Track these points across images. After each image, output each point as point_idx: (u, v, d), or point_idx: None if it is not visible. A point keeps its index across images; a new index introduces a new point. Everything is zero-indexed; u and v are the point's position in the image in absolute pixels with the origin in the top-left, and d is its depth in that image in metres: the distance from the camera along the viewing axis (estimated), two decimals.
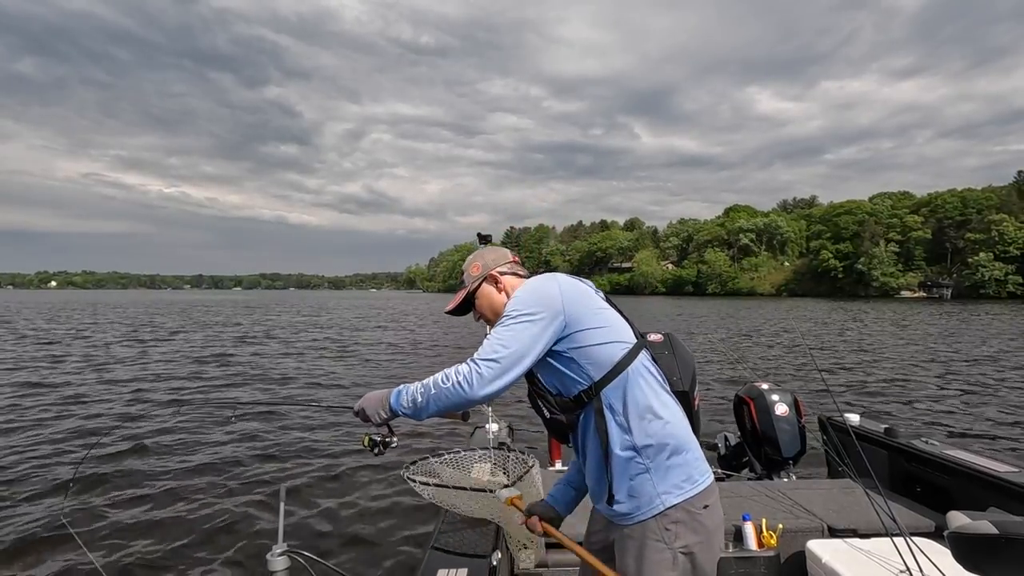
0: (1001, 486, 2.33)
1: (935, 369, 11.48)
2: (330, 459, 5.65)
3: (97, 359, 12.83)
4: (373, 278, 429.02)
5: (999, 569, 1.34)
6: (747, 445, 3.50)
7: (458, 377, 1.31)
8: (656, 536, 1.34)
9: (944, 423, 6.97)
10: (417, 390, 1.38)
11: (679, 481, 1.36)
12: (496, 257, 1.63)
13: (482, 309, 1.62)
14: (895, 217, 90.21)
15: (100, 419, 7.14)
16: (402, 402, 1.40)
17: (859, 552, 2.07)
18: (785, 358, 13.53)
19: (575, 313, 1.40)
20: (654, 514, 1.35)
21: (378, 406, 1.45)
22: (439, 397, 1.33)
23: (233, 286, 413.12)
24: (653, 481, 1.35)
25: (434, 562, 1.78)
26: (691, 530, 1.35)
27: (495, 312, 1.59)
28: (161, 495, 4.65)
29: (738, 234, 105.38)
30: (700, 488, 1.37)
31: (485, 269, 1.61)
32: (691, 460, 1.39)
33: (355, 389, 9.40)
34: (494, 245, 1.71)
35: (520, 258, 1.69)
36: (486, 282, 1.61)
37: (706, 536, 1.36)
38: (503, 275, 1.61)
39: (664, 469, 1.36)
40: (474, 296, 1.62)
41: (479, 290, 1.61)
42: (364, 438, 1.60)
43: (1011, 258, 74.78)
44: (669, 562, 1.34)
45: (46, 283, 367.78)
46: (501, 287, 1.60)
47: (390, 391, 1.45)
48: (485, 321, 1.65)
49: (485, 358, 1.32)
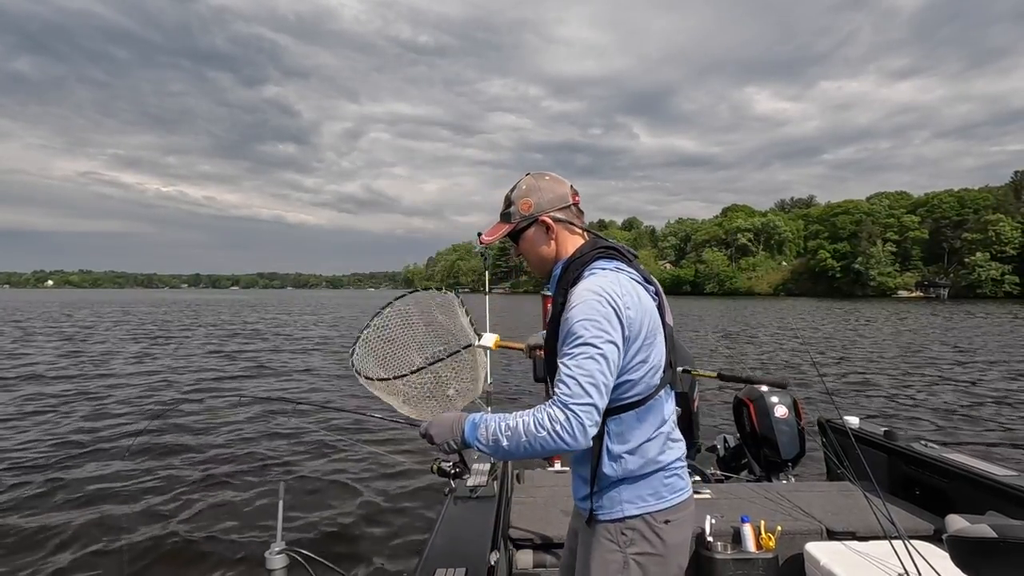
0: (1000, 490, 2.33)
1: (934, 371, 11.50)
2: (329, 458, 5.65)
3: (121, 357, 12.81)
4: (371, 277, 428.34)
5: (997, 572, 1.35)
6: (746, 447, 3.51)
7: (555, 426, 1.18)
8: (611, 537, 1.38)
9: (943, 426, 6.99)
10: (500, 429, 1.24)
11: (645, 494, 1.37)
12: (553, 198, 1.42)
13: (525, 252, 1.48)
14: (892, 217, 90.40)
15: (103, 419, 7.13)
16: (479, 436, 1.27)
17: (857, 555, 2.08)
18: (785, 359, 13.56)
19: (634, 340, 1.31)
20: (613, 518, 1.38)
21: (448, 434, 1.32)
22: (530, 445, 1.20)
23: (231, 285, 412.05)
24: (621, 489, 1.38)
25: (432, 561, 1.77)
26: (647, 540, 1.36)
27: (540, 260, 1.47)
28: (159, 493, 4.66)
29: (736, 234, 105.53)
30: (665, 505, 1.38)
31: (538, 210, 1.42)
32: (663, 478, 1.39)
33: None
34: (553, 175, 1.46)
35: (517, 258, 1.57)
36: (535, 225, 1.43)
37: (663, 550, 1.37)
38: (558, 222, 1.42)
39: (634, 480, 1.37)
40: (519, 236, 1.46)
41: (525, 232, 1.45)
42: (433, 465, 1.49)
43: (1007, 258, 75.02)
44: (619, 564, 1.36)
45: (42, 282, 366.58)
46: (552, 236, 1.43)
47: (462, 417, 1.33)
48: (527, 262, 1.51)
49: (580, 403, 1.18)
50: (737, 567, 2.26)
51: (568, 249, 1.44)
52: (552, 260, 1.45)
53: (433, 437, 1.35)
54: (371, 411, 2.27)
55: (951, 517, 1.90)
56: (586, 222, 1.50)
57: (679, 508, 1.40)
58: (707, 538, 2.30)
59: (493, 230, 1.49)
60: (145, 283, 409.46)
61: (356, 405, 8.01)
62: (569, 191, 1.45)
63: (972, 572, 1.41)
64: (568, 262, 1.41)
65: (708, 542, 2.30)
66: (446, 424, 1.34)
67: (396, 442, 6.18)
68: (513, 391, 9.09)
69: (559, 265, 1.44)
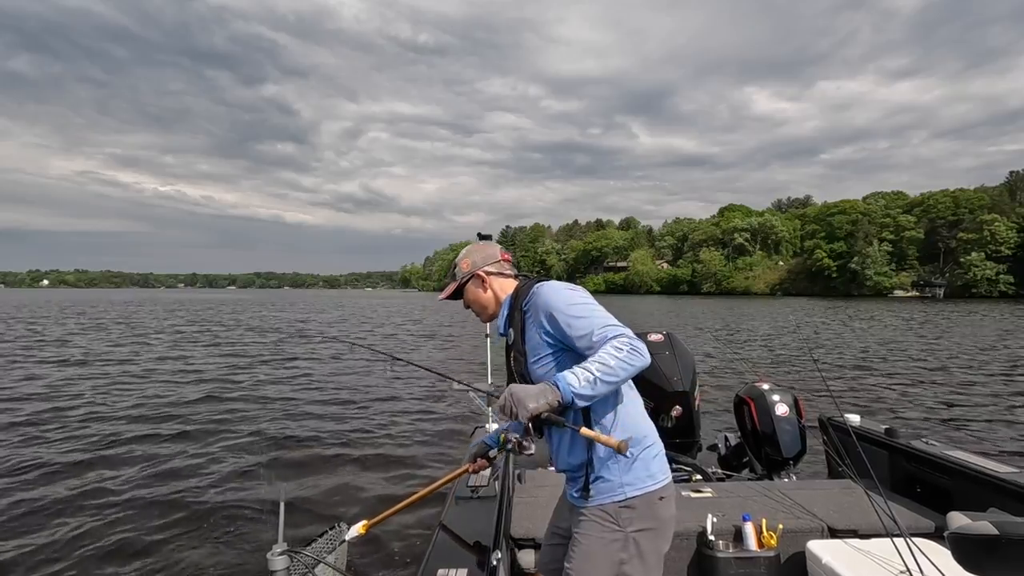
0: (1001, 487, 2.34)
1: (935, 369, 11.53)
2: (329, 458, 5.65)
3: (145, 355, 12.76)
4: (368, 277, 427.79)
5: (999, 570, 1.36)
6: (747, 445, 3.52)
7: (629, 344, 1.39)
8: (611, 519, 1.51)
9: (945, 423, 7.00)
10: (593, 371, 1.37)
11: (641, 475, 1.53)
12: (485, 256, 1.76)
13: (469, 302, 1.80)
14: (888, 217, 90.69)
15: (109, 420, 7.11)
16: (573, 386, 1.37)
17: (859, 552, 2.09)
18: (785, 358, 13.59)
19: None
20: (614, 500, 1.51)
21: (540, 395, 1.40)
22: (622, 369, 1.37)
23: (228, 285, 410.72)
24: (619, 472, 1.52)
25: (434, 562, 1.78)
26: (644, 518, 1.51)
27: (481, 306, 1.78)
28: (158, 492, 4.65)
29: (733, 233, 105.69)
30: (659, 484, 1.54)
31: (473, 267, 1.75)
32: (652, 456, 1.57)
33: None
34: (487, 244, 1.83)
35: (515, 257, 1.81)
36: (472, 280, 1.76)
37: (658, 525, 1.53)
38: (489, 275, 1.75)
39: (629, 463, 1.52)
40: (462, 290, 1.78)
41: (467, 285, 1.77)
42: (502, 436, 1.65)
43: (1002, 258, 75.34)
44: (621, 543, 1.50)
45: (38, 282, 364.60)
46: (487, 286, 1.75)
47: (545, 384, 1.42)
48: (474, 311, 1.80)
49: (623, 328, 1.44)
50: (739, 565, 2.27)
51: (506, 289, 1.75)
52: (493, 304, 1.76)
53: (514, 406, 1.40)
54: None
55: (953, 514, 1.91)
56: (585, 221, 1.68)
57: (668, 487, 1.58)
58: (709, 537, 2.31)
59: (445, 290, 1.80)
60: (141, 283, 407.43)
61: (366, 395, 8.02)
62: (498, 251, 1.78)
63: (974, 569, 1.42)
64: (514, 294, 1.69)
65: (710, 541, 2.30)
66: (533, 390, 1.42)
67: (398, 443, 6.18)
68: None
69: (504, 302, 1.73)
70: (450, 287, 1.80)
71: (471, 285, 1.76)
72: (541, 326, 1.56)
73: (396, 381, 10.45)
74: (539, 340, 1.58)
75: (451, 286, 1.79)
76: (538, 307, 1.57)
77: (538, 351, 1.58)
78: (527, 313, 1.62)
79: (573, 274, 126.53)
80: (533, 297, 1.60)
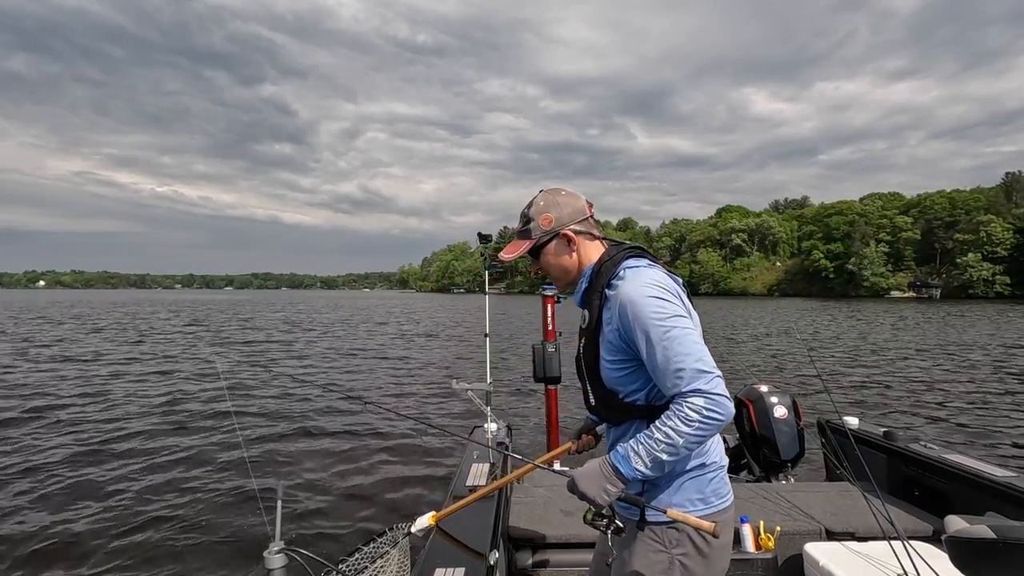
0: (999, 490, 2.35)
1: (932, 371, 11.56)
2: (328, 457, 5.64)
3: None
4: (366, 278, 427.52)
5: (997, 574, 1.36)
6: (745, 447, 3.52)
7: (702, 413, 1.17)
8: (656, 538, 1.37)
9: (942, 426, 7.02)
10: (655, 448, 1.21)
11: (694, 498, 1.37)
12: (573, 211, 1.43)
13: (547, 266, 1.47)
14: (885, 218, 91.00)
15: (113, 421, 7.08)
16: (636, 467, 1.23)
17: (857, 555, 2.09)
18: (783, 359, 13.61)
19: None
20: (660, 520, 1.35)
21: (602, 482, 1.27)
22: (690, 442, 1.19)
23: (225, 286, 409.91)
24: (670, 491, 1.38)
25: (431, 561, 1.77)
26: (693, 541, 1.36)
27: (562, 271, 1.46)
28: (157, 491, 4.64)
29: (730, 234, 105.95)
30: (712, 509, 1.38)
31: (558, 224, 1.42)
32: (709, 479, 1.39)
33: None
34: (569, 192, 1.47)
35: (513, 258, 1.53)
36: (557, 241, 1.43)
37: (708, 551, 1.36)
38: (578, 234, 1.43)
39: (682, 482, 1.38)
40: (539, 250, 1.45)
41: (547, 246, 1.44)
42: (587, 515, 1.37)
43: (998, 258, 75.63)
44: (665, 565, 1.35)
45: (34, 283, 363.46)
46: (574, 248, 1.44)
47: (603, 463, 1.29)
48: (550, 276, 1.49)
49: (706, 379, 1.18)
50: (736, 567, 2.27)
51: (591, 256, 1.45)
52: (576, 270, 1.45)
53: (587, 495, 1.28)
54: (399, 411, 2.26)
55: (950, 518, 1.92)
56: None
57: (723, 513, 1.40)
58: None
59: (512, 247, 1.48)
60: (138, 283, 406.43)
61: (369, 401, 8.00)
62: (585, 204, 1.46)
63: (971, 573, 1.42)
64: (598, 265, 1.41)
65: None
66: (593, 474, 1.29)
67: (397, 442, 6.17)
68: (513, 391, 9.09)
69: (585, 272, 1.44)
70: (521, 246, 1.45)
71: (554, 246, 1.43)
72: (617, 327, 1.32)
73: (396, 379, 10.44)
74: (616, 342, 1.34)
75: (523, 245, 1.44)
76: (616, 305, 1.31)
77: (614, 351, 1.35)
78: (608, 300, 1.36)
79: None
80: (616, 288, 1.34)
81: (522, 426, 6.79)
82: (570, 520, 2.57)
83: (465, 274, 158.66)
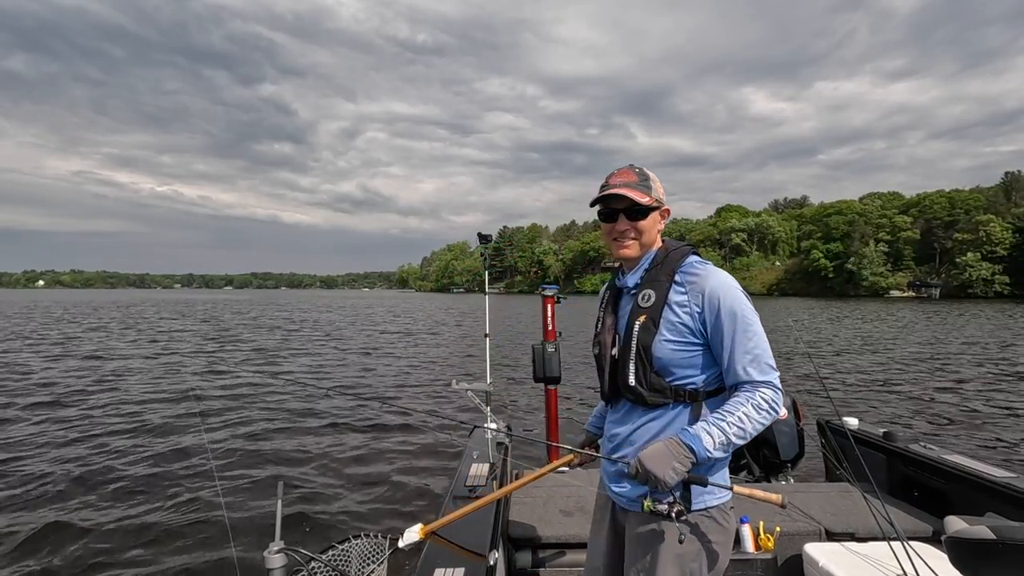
0: (998, 491, 2.35)
1: (932, 372, 11.55)
2: (328, 456, 5.64)
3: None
4: (365, 277, 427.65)
5: (996, 574, 1.36)
6: (745, 447, 3.53)
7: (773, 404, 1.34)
8: (692, 525, 1.41)
9: (942, 427, 7.02)
10: (728, 432, 1.31)
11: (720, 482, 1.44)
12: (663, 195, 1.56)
13: (643, 227, 1.49)
14: (884, 217, 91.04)
15: (113, 418, 7.08)
16: (708, 447, 1.30)
17: (856, 556, 2.09)
18: (782, 359, 13.62)
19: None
20: (695, 508, 1.40)
21: (672, 463, 1.30)
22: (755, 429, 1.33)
23: (224, 285, 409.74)
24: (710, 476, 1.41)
25: (431, 561, 1.77)
26: (719, 529, 1.43)
27: (650, 242, 1.52)
28: (157, 490, 4.63)
29: (730, 234, 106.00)
30: (728, 496, 1.46)
31: (664, 200, 1.53)
32: (724, 468, 1.48)
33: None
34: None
35: (513, 258, 1.63)
36: (660, 212, 1.53)
37: (726, 537, 1.46)
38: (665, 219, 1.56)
39: (719, 468, 1.45)
40: (643, 213, 1.48)
41: (651, 213, 1.50)
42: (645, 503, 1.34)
43: (998, 258, 75.68)
44: (695, 553, 1.40)
45: (33, 282, 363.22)
46: (661, 226, 1.55)
47: (672, 443, 1.33)
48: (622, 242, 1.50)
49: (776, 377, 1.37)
50: (736, 568, 2.27)
51: (659, 241, 1.56)
52: (651, 245, 1.54)
53: (654, 473, 1.30)
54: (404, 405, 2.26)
55: (950, 518, 1.91)
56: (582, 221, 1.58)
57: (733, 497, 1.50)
58: None
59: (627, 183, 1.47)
60: (137, 283, 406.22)
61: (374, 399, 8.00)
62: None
63: (971, 573, 1.42)
64: (663, 252, 1.52)
65: None
66: (662, 453, 1.32)
67: (397, 442, 6.17)
68: (513, 391, 9.09)
69: (649, 254, 1.53)
70: (642, 196, 1.45)
71: (657, 214, 1.51)
72: (701, 313, 1.39)
73: (396, 378, 10.44)
74: (689, 324, 1.40)
75: (644, 196, 1.46)
76: (705, 291, 1.39)
77: (681, 332, 1.40)
78: (681, 285, 1.43)
79: (571, 274, 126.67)
80: (700, 276, 1.42)
81: (522, 426, 6.79)
82: (570, 520, 2.57)
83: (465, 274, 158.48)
